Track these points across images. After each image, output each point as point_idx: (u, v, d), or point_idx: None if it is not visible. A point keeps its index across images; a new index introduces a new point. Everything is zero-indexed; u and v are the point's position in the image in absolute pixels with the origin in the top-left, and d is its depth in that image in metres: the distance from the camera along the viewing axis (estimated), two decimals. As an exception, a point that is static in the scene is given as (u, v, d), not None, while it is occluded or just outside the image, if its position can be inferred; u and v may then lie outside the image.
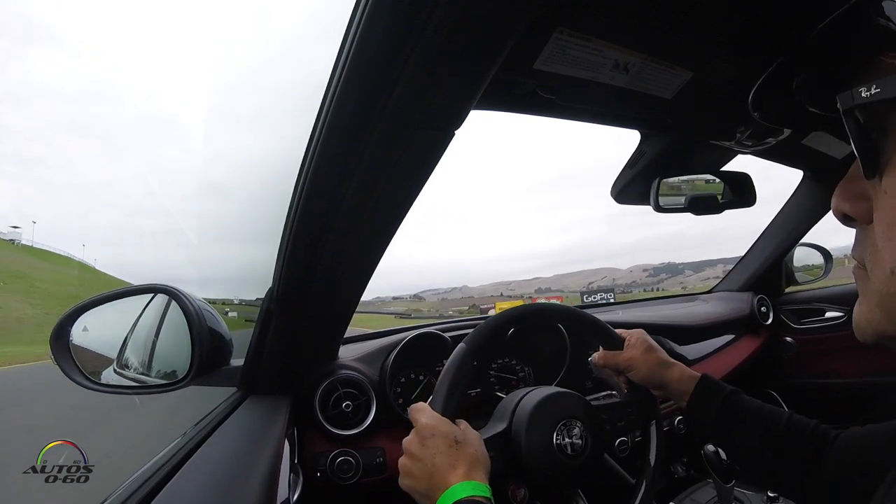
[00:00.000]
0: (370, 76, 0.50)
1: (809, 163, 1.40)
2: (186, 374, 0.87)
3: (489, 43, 0.48)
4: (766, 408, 0.75)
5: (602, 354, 0.87)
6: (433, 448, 0.64)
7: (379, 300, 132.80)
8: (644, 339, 0.85)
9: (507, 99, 0.77)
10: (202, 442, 0.70)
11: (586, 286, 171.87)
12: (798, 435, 0.70)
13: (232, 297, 10.16)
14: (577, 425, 0.76)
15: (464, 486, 0.59)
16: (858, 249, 0.38)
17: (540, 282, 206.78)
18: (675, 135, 1.02)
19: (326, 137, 0.57)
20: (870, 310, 0.37)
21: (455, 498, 0.58)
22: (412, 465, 0.65)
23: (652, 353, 0.83)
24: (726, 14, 0.62)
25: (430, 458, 0.63)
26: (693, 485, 1.29)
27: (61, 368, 0.82)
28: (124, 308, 0.98)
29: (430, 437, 0.65)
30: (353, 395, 1.01)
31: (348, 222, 0.69)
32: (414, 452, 0.65)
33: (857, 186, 0.38)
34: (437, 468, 0.62)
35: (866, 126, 0.34)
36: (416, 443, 0.66)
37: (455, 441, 0.64)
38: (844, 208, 0.39)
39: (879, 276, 0.35)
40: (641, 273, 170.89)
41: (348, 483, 0.93)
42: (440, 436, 0.65)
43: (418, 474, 0.64)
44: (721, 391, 0.77)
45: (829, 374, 1.68)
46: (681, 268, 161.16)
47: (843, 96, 0.34)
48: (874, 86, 0.32)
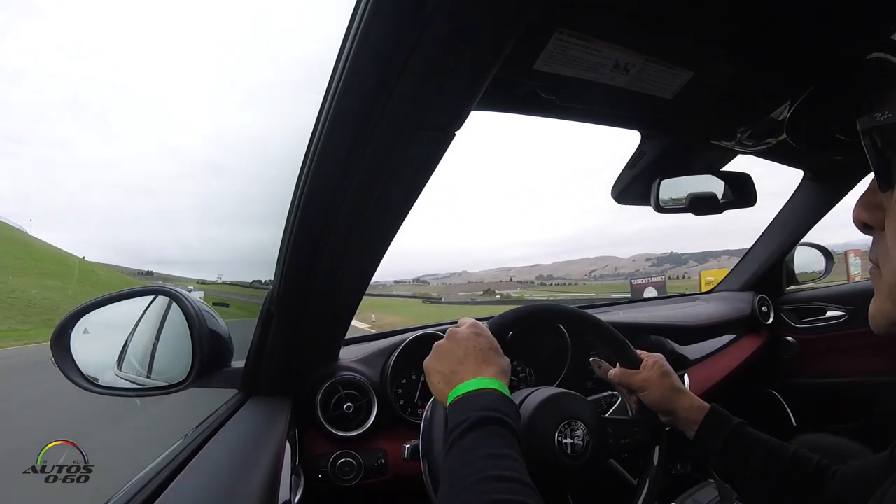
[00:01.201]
0: (371, 76, 0.50)
1: (810, 163, 1.40)
2: (187, 377, 0.87)
3: (490, 43, 0.48)
4: (771, 441, 0.76)
5: (619, 372, 0.88)
6: (476, 342, 0.68)
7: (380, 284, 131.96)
8: (661, 364, 0.86)
9: (508, 99, 0.77)
10: (203, 444, 0.70)
11: (588, 274, 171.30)
12: (802, 468, 0.72)
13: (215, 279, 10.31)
14: (581, 427, 0.76)
15: (493, 381, 0.62)
16: (874, 252, 0.44)
17: (541, 269, 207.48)
18: (675, 135, 1.02)
19: (327, 137, 0.57)
20: (882, 302, 0.43)
21: (482, 386, 0.61)
22: (451, 345, 0.68)
23: (667, 378, 0.84)
24: (726, 14, 0.62)
25: (472, 347, 0.67)
26: (695, 485, 1.29)
27: (62, 370, 0.82)
28: (125, 310, 0.98)
29: (476, 335, 0.69)
30: (355, 397, 1.01)
31: (349, 223, 0.69)
32: (460, 337, 0.69)
33: (874, 198, 0.43)
34: (475, 357, 0.66)
35: (882, 145, 0.40)
36: (465, 331, 0.70)
37: (494, 349, 0.69)
38: (864, 217, 0.44)
39: (890, 272, 0.41)
40: (644, 262, 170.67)
41: (349, 485, 0.93)
42: (486, 338, 0.69)
43: (453, 356, 0.67)
44: (729, 423, 0.78)
45: (829, 373, 1.68)
46: (684, 258, 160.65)
47: (862, 120, 0.40)
48: (887, 111, 0.39)
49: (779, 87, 0.79)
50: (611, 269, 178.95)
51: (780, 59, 0.71)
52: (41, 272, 49.49)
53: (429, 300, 69.84)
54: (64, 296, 41.12)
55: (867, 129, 0.39)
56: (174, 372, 0.91)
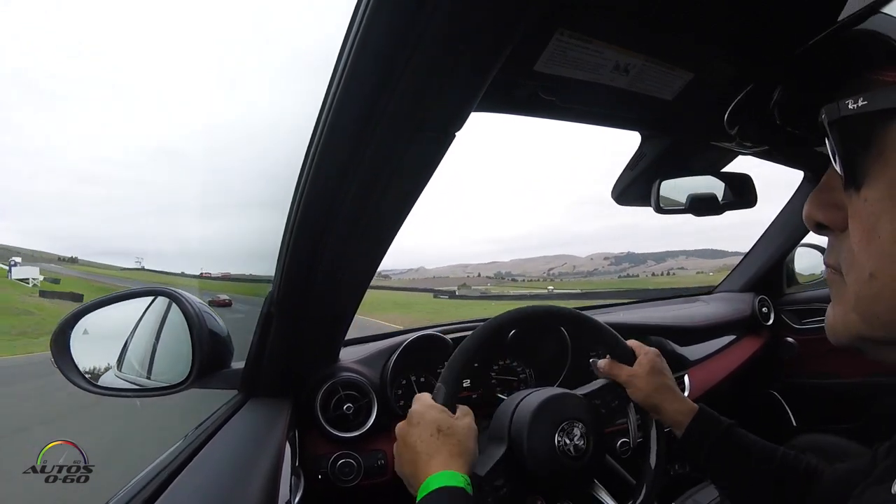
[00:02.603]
0: (371, 77, 0.50)
1: (810, 163, 1.40)
2: (187, 377, 0.87)
3: (490, 44, 0.48)
4: (759, 443, 0.76)
5: (607, 364, 0.87)
6: (417, 436, 0.65)
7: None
8: (653, 361, 0.85)
9: (508, 101, 0.77)
10: (203, 445, 0.70)
11: (546, 272, 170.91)
12: (791, 471, 0.72)
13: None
14: (578, 426, 0.76)
15: (439, 476, 0.60)
16: (833, 256, 0.40)
17: (498, 266, 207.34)
18: (675, 136, 1.02)
19: (327, 138, 0.57)
20: (845, 313, 0.38)
21: (430, 488, 0.59)
22: (400, 450, 0.67)
23: (656, 375, 0.83)
24: (726, 15, 0.62)
25: (414, 446, 0.64)
26: (694, 485, 1.29)
27: (61, 371, 0.82)
28: (125, 311, 0.98)
29: (416, 424, 0.66)
30: (354, 398, 1.01)
31: (349, 223, 0.69)
32: (402, 438, 0.67)
33: (830, 196, 0.39)
34: (419, 456, 0.63)
35: (850, 137, 0.35)
36: (404, 428, 0.68)
37: (438, 430, 0.65)
38: (818, 217, 0.40)
39: (857, 279, 0.36)
40: (602, 261, 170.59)
41: (349, 485, 0.93)
42: (425, 424, 0.66)
43: (405, 460, 0.65)
44: (718, 425, 0.78)
45: (830, 374, 1.67)
46: (642, 257, 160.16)
47: (829, 108, 0.35)
48: (861, 98, 0.33)
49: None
50: (569, 268, 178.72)
51: (780, 60, 0.71)
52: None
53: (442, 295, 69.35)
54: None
55: (834, 119, 0.35)
56: (174, 373, 0.91)
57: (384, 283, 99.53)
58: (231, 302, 27.64)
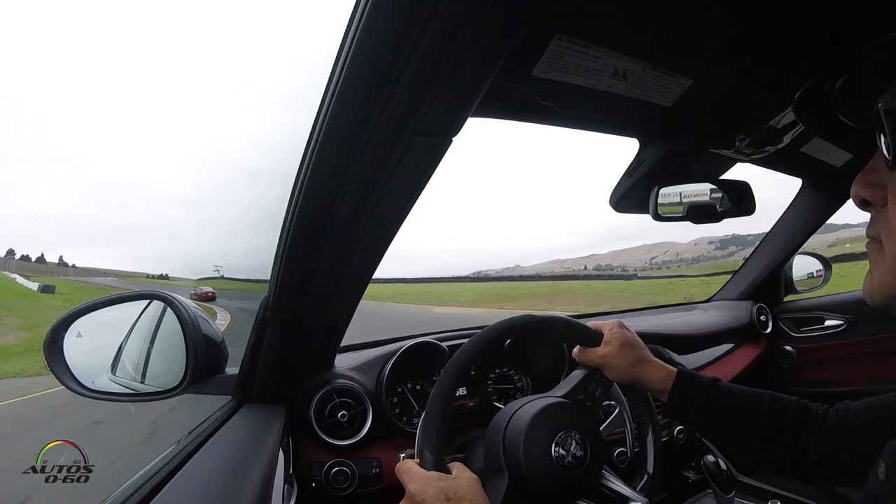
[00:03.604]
0: (368, 82, 0.49)
1: (808, 171, 1.40)
2: (181, 382, 0.86)
3: (488, 49, 0.48)
4: (745, 394, 0.77)
5: (578, 352, 0.85)
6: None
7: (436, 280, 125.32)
8: (620, 335, 0.82)
9: (506, 106, 0.76)
10: (195, 451, 0.70)
11: (648, 261, 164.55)
12: (780, 419, 0.74)
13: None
14: (573, 434, 0.75)
15: None
16: (873, 228, 0.47)
17: (596, 258, 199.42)
18: (674, 143, 1.02)
19: (324, 143, 0.57)
20: (882, 275, 0.46)
21: None
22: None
23: (628, 348, 0.81)
24: (726, 21, 0.62)
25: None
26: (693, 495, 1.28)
27: (55, 374, 0.81)
28: (119, 314, 0.97)
29: (421, 502, 0.62)
30: (349, 405, 1.00)
31: (344, 229, 0.68)
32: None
33: (874, 177, 0.46)
34: None
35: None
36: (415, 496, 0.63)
37: (447, 499, 0.62)
38: (863, 194, 0.47)
39: (893, 248, 0.43)
40: (707, 246, 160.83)
41: (344, 494, 0.92)
42: (430, 499, 0.62)
43: None
44: (700, 384, 0.78)
45: (828, 382, 1.67)
46: (749, 239, 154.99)
47: (885, 97, 0.42)
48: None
49: (778, 95, 0.79)
50: (671, 255, 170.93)
51: (779, 67, 0.71)
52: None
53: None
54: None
55: (890, 107, 0.41)
56: (168, 377, 0.90)
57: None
58: (215, 295, 26.33)
